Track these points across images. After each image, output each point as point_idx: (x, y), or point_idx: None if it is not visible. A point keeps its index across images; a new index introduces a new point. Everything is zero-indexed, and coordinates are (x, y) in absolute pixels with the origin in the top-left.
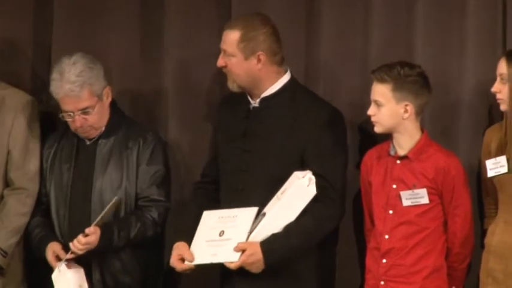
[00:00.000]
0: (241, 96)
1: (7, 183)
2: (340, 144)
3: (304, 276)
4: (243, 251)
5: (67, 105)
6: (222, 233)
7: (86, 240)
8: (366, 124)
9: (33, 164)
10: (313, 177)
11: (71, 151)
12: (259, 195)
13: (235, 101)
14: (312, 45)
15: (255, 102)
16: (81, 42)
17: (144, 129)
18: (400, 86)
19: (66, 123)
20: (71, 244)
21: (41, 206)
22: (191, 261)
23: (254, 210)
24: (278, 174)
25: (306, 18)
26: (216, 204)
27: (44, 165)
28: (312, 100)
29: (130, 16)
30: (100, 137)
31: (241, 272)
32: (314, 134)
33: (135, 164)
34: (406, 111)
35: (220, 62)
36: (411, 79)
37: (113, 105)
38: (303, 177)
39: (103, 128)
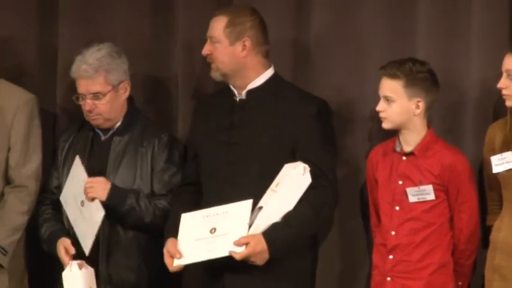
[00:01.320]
0: (224, 93)
1: (7, 181)
2: (329, 133)
3: (293, 274)
4: (246, 244)
5: (80, 87)
6: (213, 230)
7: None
8: (364, 119)
9: (34, 162)
10: (307, 166)
11: (85, 145)
12: (248, 187)
13: (217, 98)
14: (307, 44)
15: (240, 95)
16: (88, 39)
17: (159, 129)
18: (412, 82)
19: (83, 117)
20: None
21: (52, 197)
22: (179, 259)
23: (249, 203)
24: (268, 165)
25: (298, 14)
26: (197, 206)
27: (58, 158)
28: (299, 92)
29: (138, 10)
30: (114, 133)
31: (231, 269)
32: (305, 124)
33: (150, 164)
34: (417, 107)
35: (205, 50)
36: (422, 75)
37: (131, 103)
38: (296, 167)
39: (118, 124)
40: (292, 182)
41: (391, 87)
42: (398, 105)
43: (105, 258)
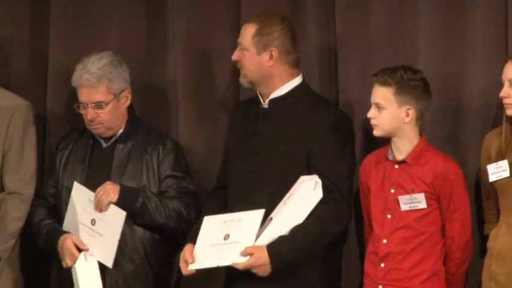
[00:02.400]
0: (254, 100)
1: (2, 188)
2: (346, 147)
3: (308, 280)
4: (251, 254)
5: (82, 96)
6: (227, 237)
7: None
8: (366, 124)
9: (29, 169)
10: (319, 181)
11: (85, 152)
12: (265, 196)
13: (248, 104)
14: (312, 44)
15: (264, 104)
16: (79, 44)
17: (162, 136)
18: (403, 89)
19: (83, 125)
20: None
21: (47, 204)
22: (192, 263)
23: (261, 212)
24: (284, 176)
25: (305, 19)
26: (227, 209)
27: (57, 165)
28: (319, 103)
29: (132, 15)
30: (117, 141)
31: (246, 275)
32: (321, 136)
33: (156, 170)
34: (407, 115)
35: (234, 56)
36: (414, 83)
37: (131, 111)
38: (309, 181)
39: (120, 131)
40: (302, 196)
41: (382, 94)
42: (388, 112)
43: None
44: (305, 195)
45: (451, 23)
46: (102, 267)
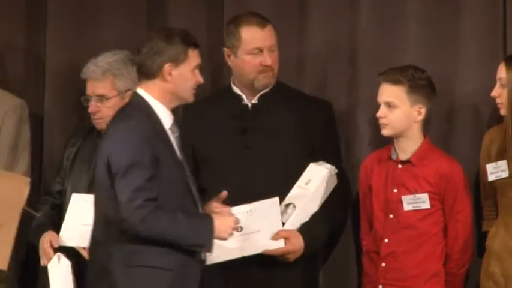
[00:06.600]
0: (220, 98)
1: None
2: (338, 135)
3: (311, 269)
4: (286, 238)
5: (88, 88)
6: (240, 229)
7: None
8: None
9: (22, 167)
10: (334, 168)
11: (92, 152)
12: (264, 191)
13: (215, 103)
14: (302, 46)
15: (253, 99)
16: (77, 44)
17: None
18: (415, 88)
19: (91, 123)
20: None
21: (53, 201)
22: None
23: (276, 200)
24: (283, 170)
25: (295, 21)
26: None
27: (64, 163)
28: (307, 97)
29: (131, 15)
30: None
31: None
32: (321, 127)
33: None
34: (419, 113)
35: (272, 59)
36: (423, 82)
37: None
38: (326, 168)
39: None
40: (324, 182)
41: (393, 93)
42: (401, 111)
43: None
44: (325, 181)
45: (441, 21)
46: None
